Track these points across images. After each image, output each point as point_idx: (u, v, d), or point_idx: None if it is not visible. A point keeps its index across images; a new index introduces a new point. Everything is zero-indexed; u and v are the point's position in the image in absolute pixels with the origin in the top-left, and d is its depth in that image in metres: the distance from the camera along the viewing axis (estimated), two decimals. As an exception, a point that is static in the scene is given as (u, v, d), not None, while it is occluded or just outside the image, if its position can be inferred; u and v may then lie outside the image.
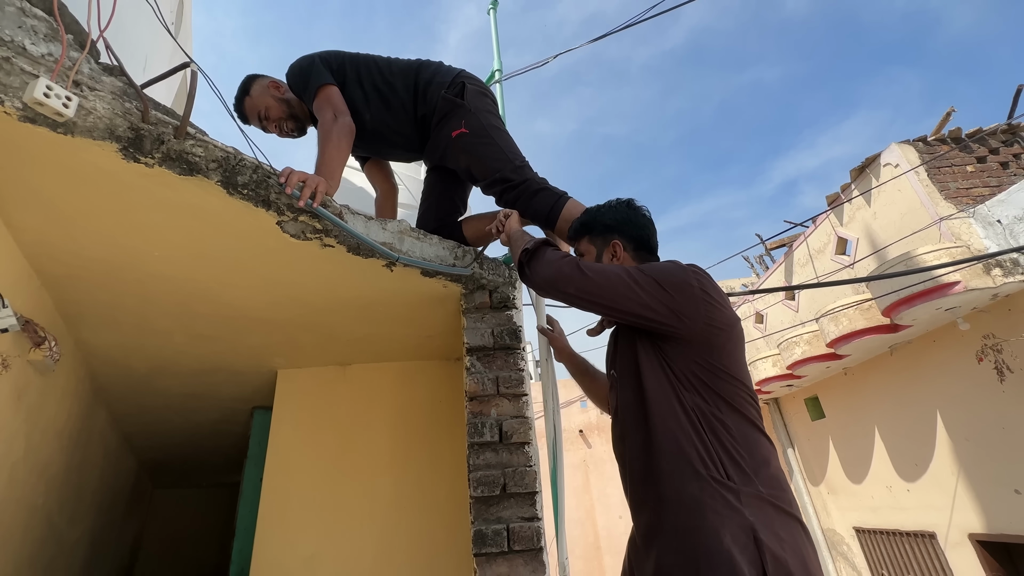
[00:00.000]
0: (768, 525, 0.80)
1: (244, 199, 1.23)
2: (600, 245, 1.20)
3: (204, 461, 4.28)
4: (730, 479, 0.84)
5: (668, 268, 1.02)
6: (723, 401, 0.92)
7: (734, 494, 0.82)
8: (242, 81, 1.72)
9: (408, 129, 1.69)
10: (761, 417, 0.96)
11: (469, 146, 1.55)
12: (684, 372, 0.94)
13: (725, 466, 0.85)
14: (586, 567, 7.55)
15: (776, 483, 0.86)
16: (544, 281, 1.11)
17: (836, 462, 5.56)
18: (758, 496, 0.83)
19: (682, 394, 0.93)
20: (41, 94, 0.86)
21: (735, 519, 0.80)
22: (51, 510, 2.12)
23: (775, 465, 0.90)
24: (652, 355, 0.99)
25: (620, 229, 1.20)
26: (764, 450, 0.90)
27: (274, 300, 1.75)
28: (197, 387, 2.53)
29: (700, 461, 0.86)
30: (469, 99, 1.58)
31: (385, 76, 1.67)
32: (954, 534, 4.01)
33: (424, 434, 2.24)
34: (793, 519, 0.84)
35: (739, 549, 0.76)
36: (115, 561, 3.77)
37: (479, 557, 1.33)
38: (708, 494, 0.83)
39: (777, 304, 6.19)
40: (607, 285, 1.00)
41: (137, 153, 1.06)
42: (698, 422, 0.90)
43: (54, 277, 1.56)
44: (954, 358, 3.91)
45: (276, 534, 2.07)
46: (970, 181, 4.05)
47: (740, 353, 1.01)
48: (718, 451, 0.87)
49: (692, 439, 0.88)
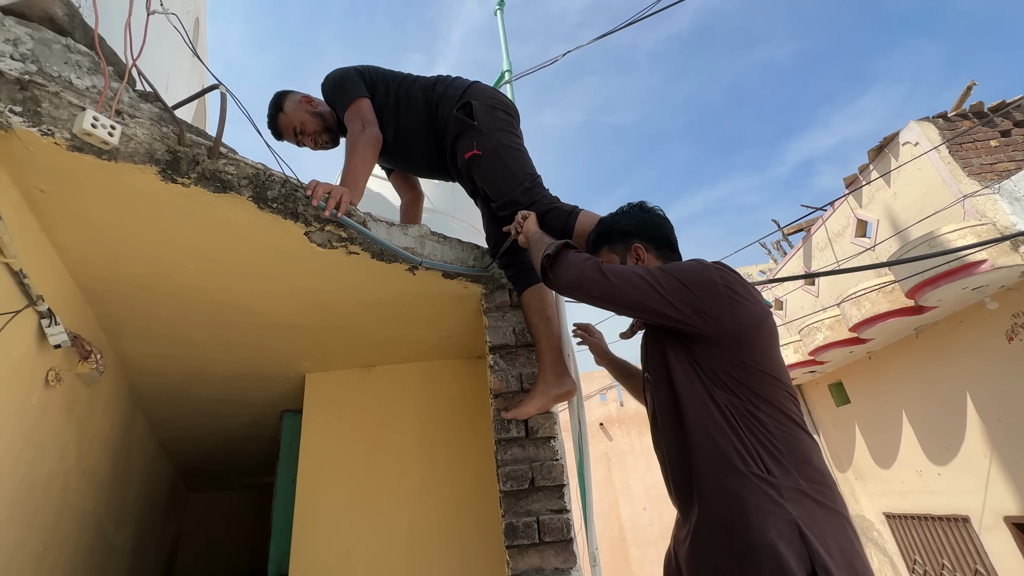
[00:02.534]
0: (812, 519, 0.79)
1: (273, 212, 1.29)
2: (621, 252, 1.21)
3: (235, 464, 4.42)
4: (771, 474, 0.84)
5: (691, 267, 1.02)
6: (758, 397, 0.91)
7: (775, 489, 0.82)
8: (273, 98, 1.76)
9: (428, 144, 1.70)
10: (800, 413, 0.95)
11: (480, 169, 1.55)
12: (715, 370, 0.94)
13: (764, 461, 0.85)
14: (611, 559, 7.58)
15: (819, 477, 0.86)
16: (567, 284, 1.11)
17: (863, 447, 5.49)
18: (799, 490, 0.82)
19: (715, 392, 0.93)
20: (89, 125, 0.91)
21: (779, 514, 0.80)
22: (100, 515, 2.23)
23: (817, 460, 0.89)
24: (682, 355, 0.99)
25: (638, 232, 1.20)
26: (805, 446, 0.89)
27: (301, 307, 1.81)
28: (228, 393, 2.62)
29: (739, 457, 0.86)
30: (479, 118, 1.55)
31: (408, 91, 1.70)
32: (988, 517, 3.94)
33: (449, 431, 2.29)
34: (837, 514, 0.83)
35: (785, 544, 0.76)
36: (156, 562, 3.92)
37: (511, 549, 1.37)
38: (749, 490, 0.83)
39: (796, 290, 6.11)
40: (629, 287, 1.01)
41: (174, 174, 1.11)
42: (733, 419, 0.89)
43: (96, 293, 1.64)
44: (983, 338, 3.82)
45: (312, 532, 2.14)
46: (994, 156, 3.94)
47: (773, 348, 0.99)
48: (756, 447, 0.87)
49: (729, 436, 0.88)
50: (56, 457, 1.63)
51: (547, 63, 2.88)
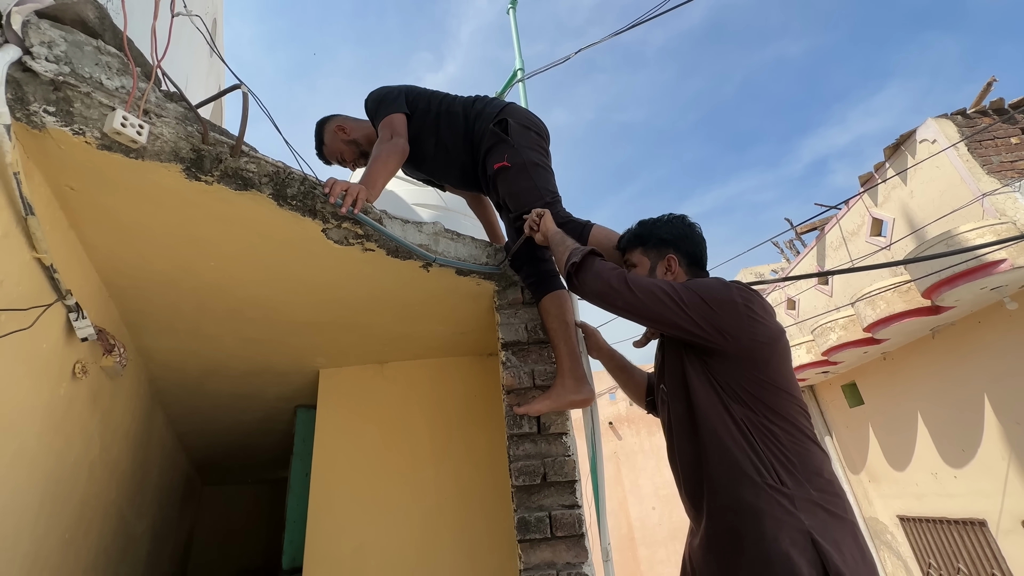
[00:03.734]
0: (824, 528, 0.83)
1: (292, 210, 1.31)
2: (655, 258, 1.23)
3: (249, 458, 4.50)
4: (784, 485, 0.87)
5: (713, 285, 1.05)
6: (772, 411, 0.94)
7: (789, 500, 0.85)
8: (315, 129, 1.93)
9: (465, 157, 1.79)
10: (811, 426, 0.98)
11: (505, 180, 1.63)
12: (731, 385, 0.97)
13: (779, 473, 0.88)
14: (620, 557, 7.57)
15: (830, 487, 0.89)
16: (593, 293, 1.13)
17: (877, 449, 5.42)
18: (811, 501, 0.86)
19: (731, 406, 0.96)
20: (119, 124, 0.94)
21: (792, 524, 0.83)
22: (121, 505, 2.29)
23: (828, 471, 0.92)
24: (700, 370, 1.02)
25: (676, 244, 1.23)
26: (816, 459, 0.92)
27: (318, 303, 1.85)
28: (245, 388, 2.67)
29: (754, 469, 0.89)
30: (513, 135, 1.65)
31: (449, 107, 1.81)
32: (1006, 521, 3.87)
33: (461, 427, 2.32)
34: (848, 522, 0.87)
35: (798, 552, 0.79)
36: (173, 553, 4.01)
37: (523, 543, 1.38)
38: (765, 500, 0.86)
39: (810, 289, 6.05)
40: (654, 301, 1.04)
41: (198, 172, 1.15)
42: (749, 432, 0.93)
43: (120, 288, 1.68)
44: (1002, 339, 3.76)
45: (326, 526, 2.18)
46: (1015, 153, 3.87)
47: (786, 365, 1.02)
48: (770, 459, 0.90)
49: (744, 449, 0.91)
50: (82, 448, 1.68)
51: (559, 62, 2.89)
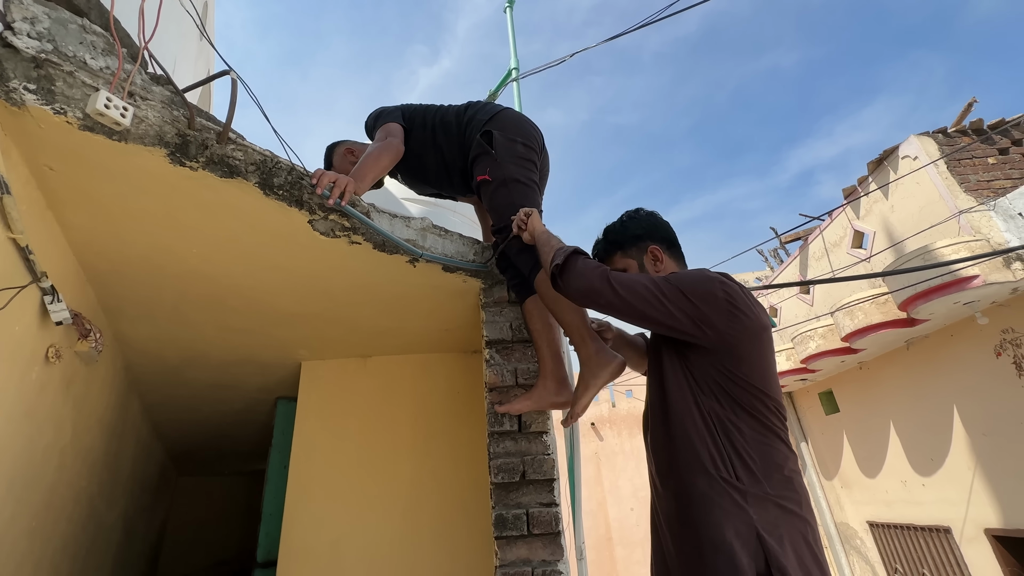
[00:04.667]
0: (773, 524, 0.87)
1: (279, 199, 1.30)
2: (637, 256, 1.24)
3: (227, 450, 4.44)
4: (739, 480, 0.90)
5: (695, 277, 1.06)
6: (740, 408, 0.97)
7: (741, 494, 0.89)
8: (325, 153, 1.96)
9: (462, 163, 1.79)
10: (783, 424, 1.00)
11: (487, 194, 1.64)
12: (704, 378, 1.00)
13: (735, 467, 0.92)
14: (598, 557, 7.63)
15: (787, 485, 0.92)
16: (577, 293, 1.14)
17: (850, 456, 5.55)
18: (765, 497, 0.89)
19: (700, 399, 0.99)
20: (102, 105, 0.93)
21: (741, 517, 0.87)
22: (93, 493, 2.24)
23: (789, 469, 0.95)
24: (675, 360, 1.05)
25: (651, 235, 1.24)
26: (779, 455, 0.95)
27: (302, 294, 1.83)
28: (224, 378, 2.63)
29: (711, 462, 0.93)
30: (497, 147, 1.63)
31: (443, 117, 1.82)
32: (970, 529, 4.00)
33: (443, 424, 2.32)
34: (801, 519, 0.90)
35: (741, 543, 0.84)
36: (144, 544, 3.94)
37: (500, 540, 1.39)
38: (716, 491, 0.90)
39: (791, 298, 6.16)
40: (636, 299, 1.04)
41: (183, 157, 1.13)
42: (713, 425, 0.96)
43: (98, 273, 1.65)
44: (972, 352, 3.88)
45: (302, 519, 2.16)
46: (991, 173, 3.99)
47: (766, 361, 1.04)
48: (729, 453, 0.93)
49: (705, 440, 0.95)
50: (53, 434, 1.65)
51: (554, 63, 2.90)
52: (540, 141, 1.77)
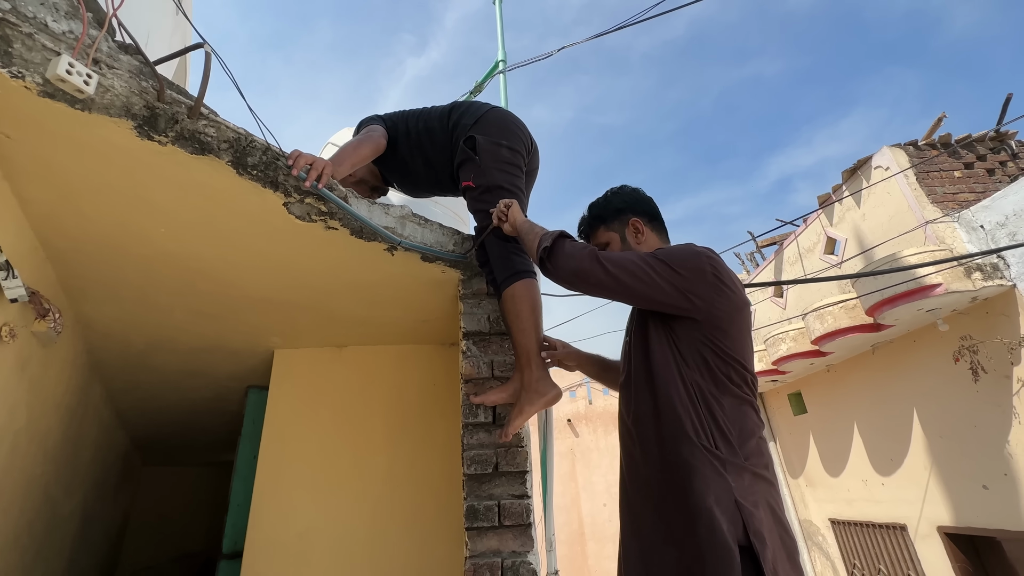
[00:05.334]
0: (748, 491, 0.92)
1: (253, 179, 1.26)
2: (619, 228, 1.27)
3: (195, 439, 4.32)
4: (718, 449, 0.95)
5: (683, 252, 1.08)
6: (719, 379, 1.02)
7: (720, 462, 0.94)
8: None
9: (450, 169, 1.79)
10: (755, 393, 1.06)
11: (471, 199, 1.66)
12: (689, 351, 1.04)
13: (715, 437, 0.96)
14: (570, 552, 7.72)
15: (757, 452, 0.99)
16: (567, 274, 1.15)
17: (815, 456, 5.73)
18: (741, 467, 0.95)
19: (684, 371, 1.02)
20: (63, 71, 0.88)
21: (720, 483, 0.91)
22: (48, 481, 2.15)
23: (759, 436, 1.01)
24: (662, 332, 1.08)
25: (632, 208, 1.28)
26: (752, 424, 1.01)
27: (275, 280, 1.79)
28: (194, 365, 2.56)
29: (693, 430, 0.97)
30: (481, 153, 1.63)
31: (427, 123, 1.80)
32: (924, 526, 4.18)
33: (418, 416, 2.30)
34: (770, 484, 0.97)
35: (721, 510, 0.88)
36: (105, 535, 3.81)
37: (471, 531, 1.39)
38: (698, 459, 0.94)
39: (766, 300, 6.31)
40: (626, 275, 1.06)
41: (151, 131, 1.08)
42: (696, 396, 1.00)
43: (59, 250, 1.58)
44: (932, 358, 4.03)
45: (271, 510, 2.12)
46: (957, 186, 4.15)
47: (744, 335, 1.08)
48: (710, 424, 0.98)
49: (689, 410, 0.99)
50: (5, 416, 1.57)
51: (541, 57, 2.89)
52: (527, 141, 1.75)
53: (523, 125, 1.78)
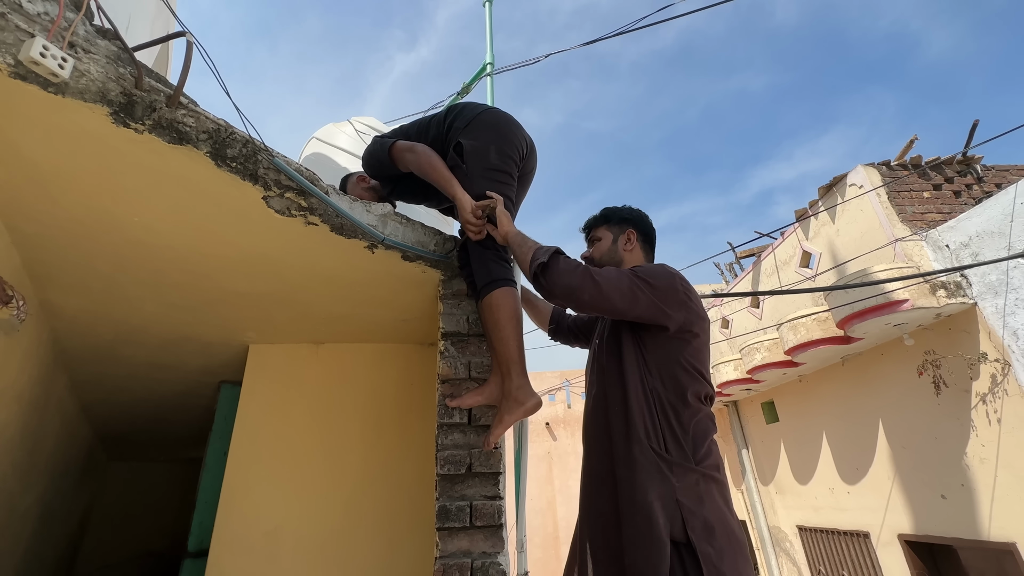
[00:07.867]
0: (691, 491, 1.01)
1: (232, 172, 1.25)
2: (616, 232, 1.45)
3: (164, 434, 4.21)
4: (668, 452, 1.05)
5: (660, 271, 1.22)
6: (679, 388, 1.12)
7: (667, 464, 1.03)
8: (340, 183, 1.94)
9: None
10: (711, 400, 1.16)
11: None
12: (654, 361, 1.15)
13: (666, 441, 1.06)
14: (543, 555, 7.73)
15: (708, 455, 1.07)
16: (561, 290, 1.21)
17: (786, 464, 5.86)
18: (691, 469, 1.03)
19: (646, 379, 1.14)
20: (37, 53, 0.86)
21: (664, 482, 1.01)
22: (5, 473, 2.08)
23: (711, 441, 1.10)
24: (631, 341, 1.20)
25: (635, 223, 1.46)
26: (703, 429, 1.10)
27: (252, 274, 1.76)
28: (164, 358, 2.50)
29: (645, 433, 1.07)
30: (468, 161, 1.61)
31: (426, 133, 1.80)
32: (885, 534, 4.31)
33: (394, 416, 2.29)
34: (720, 483, 1.05)
35: (660, 506, 0.97)
36: (65, 530, 3.69)
37: (441, 531, 1.39)
38: (646, 459, 1.04)
39: (743, 310, 6.44)
40: (614, 292, 1.17)
41: (128, 118, 1.06)
42: (653, 403, 1.10)
43: (25, 235, 1.53)
44: (898, 371, 4.17)
45: (239, 508, 2.08)
46: (925, 206, 4.31)
47: (704, 349, 1.21)
48: (663, 428, 1.07)
49: (644, 414, 1.09)
50: (-39, 406, 1.52)
51: (530, 62, 2.91)
52: (521, 143, 1.71)
53: (518, 126, 1.74)
